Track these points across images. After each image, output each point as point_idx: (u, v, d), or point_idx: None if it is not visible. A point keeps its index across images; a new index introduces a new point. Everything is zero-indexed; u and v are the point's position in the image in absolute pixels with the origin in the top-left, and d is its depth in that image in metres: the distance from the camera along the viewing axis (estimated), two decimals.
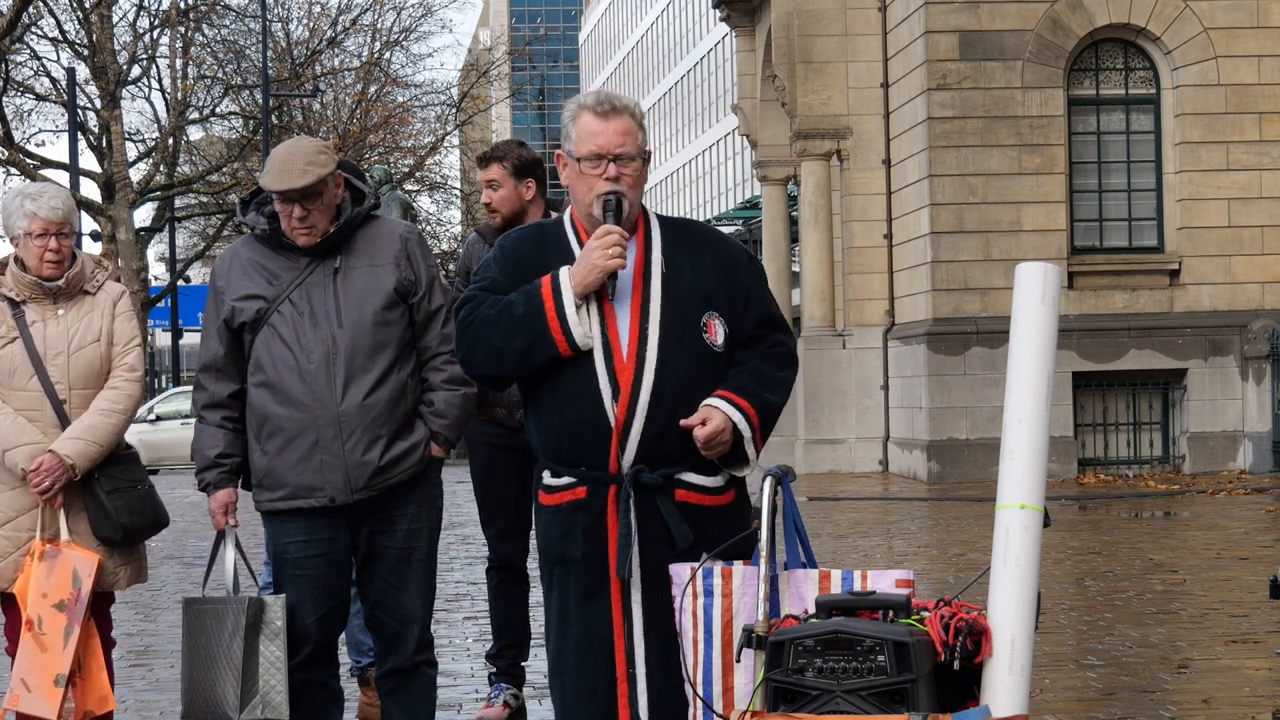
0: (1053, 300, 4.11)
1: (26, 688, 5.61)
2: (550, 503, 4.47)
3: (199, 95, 39.83)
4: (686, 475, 4.39)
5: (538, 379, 4.43)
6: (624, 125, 4.42)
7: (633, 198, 4.42)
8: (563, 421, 4.40)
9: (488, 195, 6.87)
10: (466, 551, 14.09)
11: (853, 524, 16.03)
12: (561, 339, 4.34)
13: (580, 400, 4.37)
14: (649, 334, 4.38)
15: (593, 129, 4.41)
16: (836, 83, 24.05)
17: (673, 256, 4.47)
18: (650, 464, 4.37)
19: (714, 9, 30.32)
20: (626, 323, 4.39)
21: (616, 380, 4.35)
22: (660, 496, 4.37)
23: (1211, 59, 21.52)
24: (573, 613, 4.44)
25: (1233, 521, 15.17)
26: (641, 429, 4.35)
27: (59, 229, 5.67)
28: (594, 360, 4.36)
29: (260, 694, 5.11)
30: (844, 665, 3.90)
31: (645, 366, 4.36)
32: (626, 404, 4.34)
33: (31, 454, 5.61)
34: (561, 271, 4.39)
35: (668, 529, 4.35)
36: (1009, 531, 4.01)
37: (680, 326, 4.40)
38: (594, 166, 4.39)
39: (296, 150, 5.12)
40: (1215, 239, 21.59)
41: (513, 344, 4.38)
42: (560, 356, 4.35)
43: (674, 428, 4.35)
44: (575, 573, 4.43)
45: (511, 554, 7.03)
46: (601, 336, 4.38)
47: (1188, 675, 7.66)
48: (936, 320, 21.56)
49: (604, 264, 4.33)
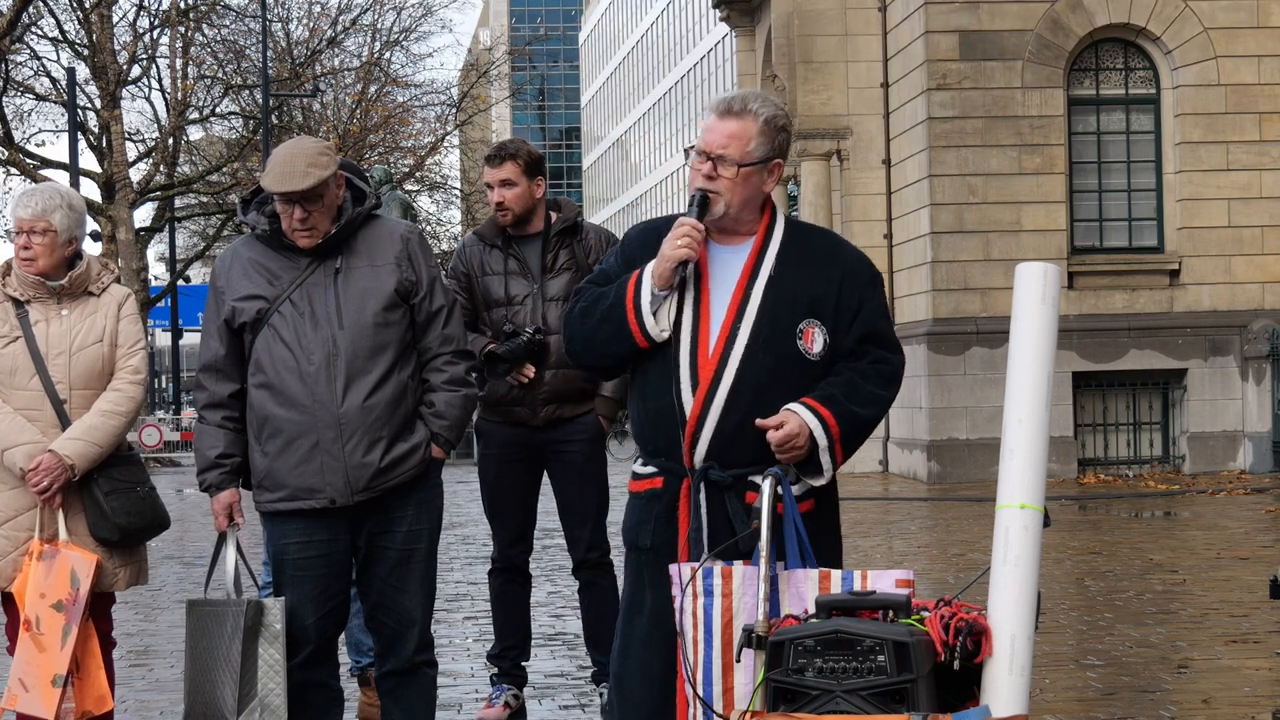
0: (1053, 300, 4.11)
1: (24, 687, 5.61)
2: (635, 489, 4.55)
3: (199, 95, 39.79)
4: (759, 478, 4.36)
5: (635, 369, 4.50)
6: (735, 129, 4.41)
7: (731, 199, 4.41)
8: (646, 411, 4.47)
9: (500, 194, 6.76)
10: (466, 551, 14.09)
11: (853, 524, 16.03)
12: (637, 330, 4.41)
13: (663, 391, 4.41)
14: (739, 332, 4.39)
15: (709, 125, 4.46)
16: (836, 83, 24.06)
17: (786, 261, 4.46)
18: (723, 462, 4.38)
19: (714, 9, 30.33)
20: (720, 320, 4.42)
21: (697, 374, 4.38)
22: (729, 496, 4.38)
23: (1211, 59, 21.52)
24: (646, 601, 4.48)
25: (1233, 521, 15.17)
26: (715, 424, 4.36)
27: (31, 226, 5.71)
28: (680, 353, 4.40)
29: (259, 697, 5.10)
30: (844, 665, 3.90)
31: (728, 363, 4.38)
32: (703, 398, 4.37)
33: (30, 453, 5.61)
34: (647, 265, 4.44)
35: (732, 530, 4.34)
36: (1009, 531, 4.00)
37: (772, 329, 4.40)
38: (700, 161, 4.43)
39: (298, 152, 5.11)
40: (1215, 239, 21.59)
41: (599, 334, 4.48)
42: (638, 347, 4.42)
43: (749, 427, 4.35)
44: (646, 561, 4.48)
45: (516, 555, 7.03)
46: (692, 330, 4.41)
47: (1188, 675, 7.66)
48: (936, 320, 21.56)
49: (672, 254, 4.36)
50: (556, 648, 8.83)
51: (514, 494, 6.93)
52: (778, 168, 4.48)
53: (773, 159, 4.46)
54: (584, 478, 6.87)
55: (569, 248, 6.84)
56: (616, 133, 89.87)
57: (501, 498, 6.96)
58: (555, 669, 8.20)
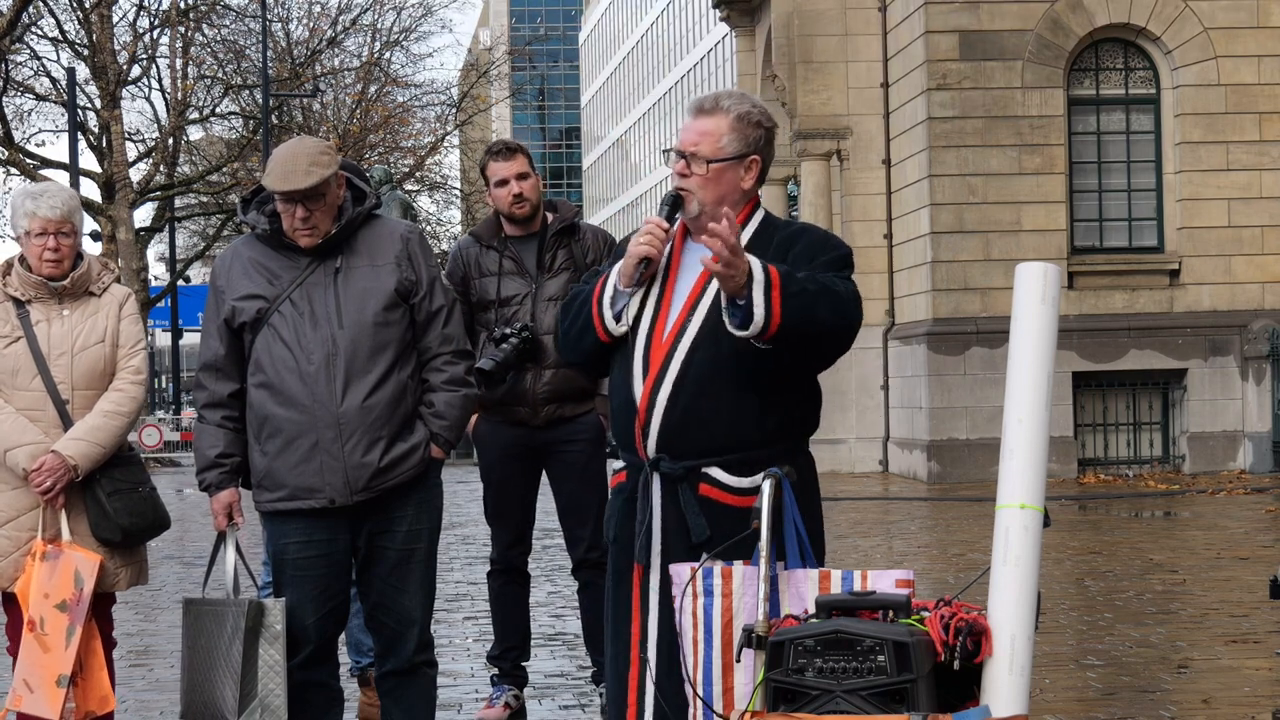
0: (1053, 300, 4.11)
1: (29, 688, 5.61)
2: (612, 484, 4.61)
3: (199, 95, 39.79)
4: (712, 470, 4.36)
5: (611, 365, 4.53)
6: (707, 126, 4.41)
7: (703, 197, 4.40)
8: (613, 405, 4.53)
9: (519, 186, 6.75)
10: (466, 551, 14.09)
11: (853, 524, 16.03)
12: (599, 324, 4.46)
13: (622, 384, 4.45)
14: (690, 323, 4.40)
15: (685, 123, 4.48)
16: (836, 83, 24.06)
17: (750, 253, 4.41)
18: (673, 453, 4.37)
19: (714, 9, 30.32)
20: (677, 313, 4.43)
21: (649, 364, 4.40)
22: (682, 488, 4.38)
23: (1211, 59, 21.52)
24: (613, 590, 4.53)
25: (1233, 521, 15.17)
26: (662, 414, 4.36)
27: (59, 228, 5.68)
28: (636, 346, 4.43)
29: (259, 698, 5.10)
30: (844, 665, 3.90)
31: (675, 353, 4.38)
32: (650, 387, 4.38)
33: (33, 454, 5.61)
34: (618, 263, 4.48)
35: (684, 522, 4.36)
36: (1009, 531, 4.01)
37: None
38: (676, 160, 4.45)
39: (300, 151, 5.10)
40: (1215, 239, 21.59)
41: (572, 330, 4.53)
42: (601, 342, 4.46)
43: (697, 417, 4.35)
44: (613, 553, 4.53)
45: (515, 556, 7.04)
46: (650, 323, 4.43)
47: (1188, 675, 7.66)
48: (936, 320, 21.56)
49: (634, 250, 4.38)
50: (556, 648, 8.83)
51: (516, 495, 6.94)
52: (755, 164, 4.45)
53: (748, 155, 4.43)
54: (585, 477, 6.87)
55: (567, 248, 6.84)
56: (616, 133, 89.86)
57: (504, 499, 6.96)
58: (555, 669, 8.21)
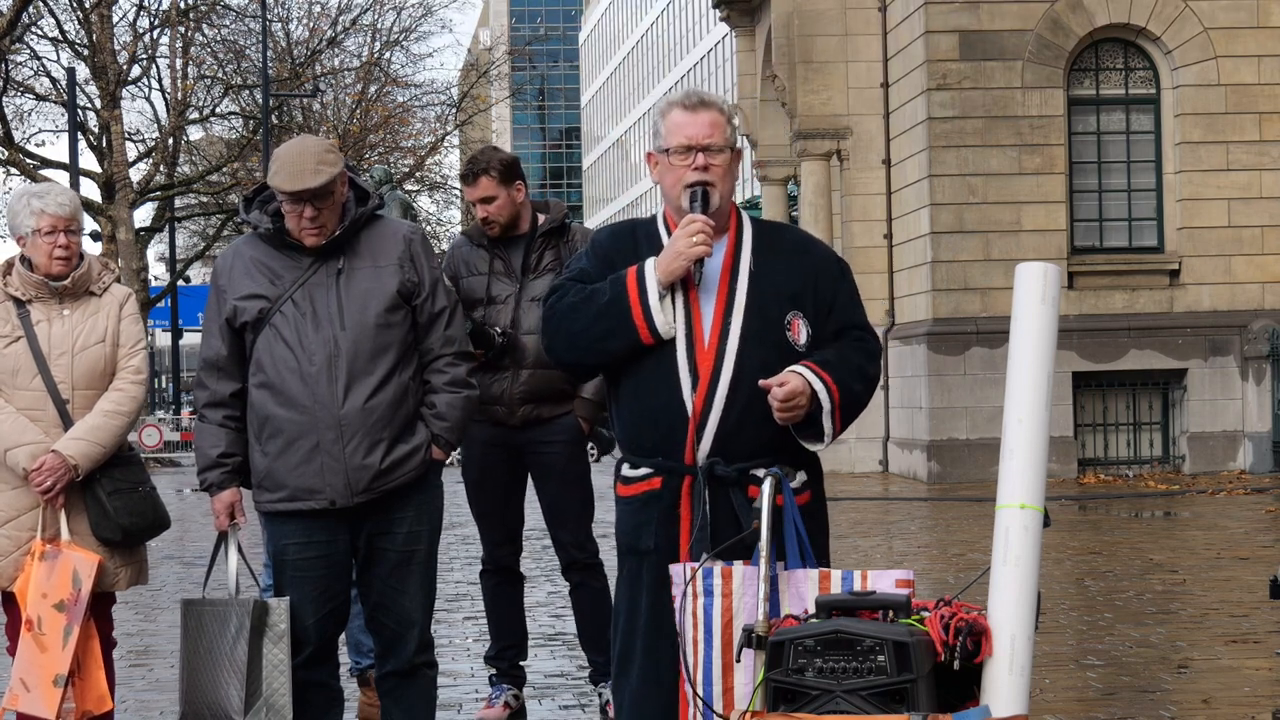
0: (1053, 300, 4.11)
1: (25, 687, 5.61)
2: (627, 494, 4.52)
3: (199, 95, 39.79)
4: (762, 472, 4.35)
5: (621, 368, 4.48)
6: (711, 118, 4.47)
7: (722, 189, 4.47)
8: (642, 410, 4.45)
9: (484, 210, 6.79)
10: (466, 551, 14.10)
11: (853, 524, 16.03)
12: (644, 326, 4.39)
13: (660, 389, 4.41)
14: (731, 327, 4.41)
15: (680, 121, 4.47)
16: (836, 83, 24.05)
17: (762, 255, 4.50)
18: (726, 457, 4.38)
19: (714, 9, 30.32)
20: (710, 315, 4.43)
21: (697, 370, 4.39)
22: (734, 490, 4.38)
23: (1211, 59, 21.52)
24: (643, 603, 4.46)
25: (1233, 521, 15.17)
26: (719, 419, 4.37)
27: (67, 225, 5.70)
28: (675, 349, 4.41)
29: (264, 697, 5.10)
30: (844, 665, 3.90)
31: (725, 357, 4.39)
32: (705, 393, 4.37)
33: (33, 454, 5.61)
34: (647, 261, 4.44)
35: (739, 524, 4.33)
36: (1009, 531, 4.01)
37: (762, 322, 4.43)
38: (683, 158, 4.45)
39: (306, 150, 5.10)
40: (1215, 239, 21.59)
41: (592, 330, 4.45)
42: (642, 344, 4.40)
43: (751, 421, 4.36)
44: (647, 563, 4.46)
45: (504, 556, 7.04)
46: (685, 327, 4.42)
47: (1188, 675, 7.66)
48: (936, 320, 21.56)
49: (689, 251, 4.37)
50: (556, 648, 8.83)
51: (496, 493, 6.93)
52: (739, 156, 4.57)
53: (738, 146, 4.57)
54: (565, 480, 6.86)
55: (555, 248, 6.84)
56: (616, 133, 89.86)
57: (484, 497, 6.96)
58: (555, 669, 8.21)
